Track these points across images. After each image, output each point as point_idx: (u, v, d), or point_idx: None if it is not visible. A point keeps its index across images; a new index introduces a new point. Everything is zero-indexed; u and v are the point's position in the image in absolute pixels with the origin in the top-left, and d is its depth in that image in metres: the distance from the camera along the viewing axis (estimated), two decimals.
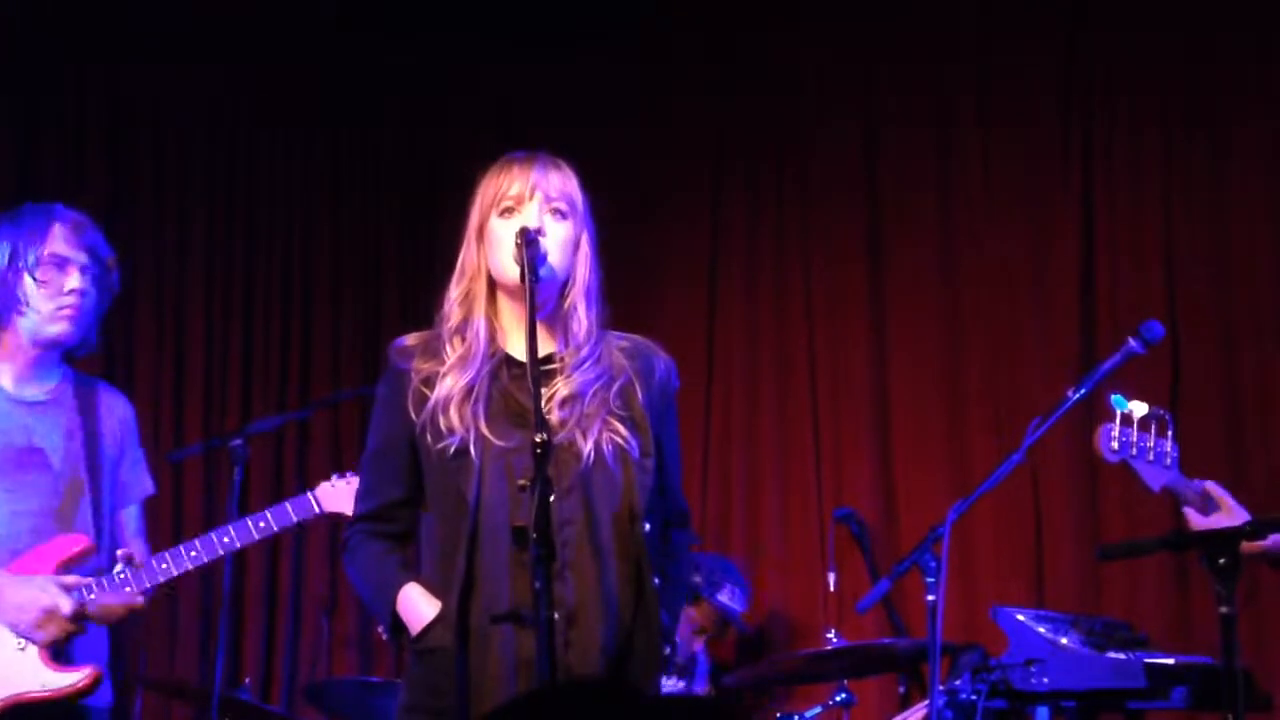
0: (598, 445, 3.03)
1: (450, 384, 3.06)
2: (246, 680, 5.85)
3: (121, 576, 3.68)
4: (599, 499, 3.02)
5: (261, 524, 3.80)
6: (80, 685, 3.60)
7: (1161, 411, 3.51)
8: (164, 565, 3.73)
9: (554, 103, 6.86)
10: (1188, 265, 5.58)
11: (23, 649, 3.58)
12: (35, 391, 3.76)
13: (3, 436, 3.69)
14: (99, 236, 3.80)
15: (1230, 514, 3.49)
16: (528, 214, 3.07)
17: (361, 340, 6.83)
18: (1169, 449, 3.51)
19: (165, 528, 6.32)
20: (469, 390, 3.05)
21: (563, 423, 3.03)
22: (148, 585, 3.70)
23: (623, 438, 3.05)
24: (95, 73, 6.40)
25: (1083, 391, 3.56)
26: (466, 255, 3.14)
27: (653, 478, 3.09)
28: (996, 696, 4.43)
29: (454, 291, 3.14)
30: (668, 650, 3.18)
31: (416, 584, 3.07)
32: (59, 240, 3.71)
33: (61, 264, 3.70)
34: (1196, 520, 3.49)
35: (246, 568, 6.33)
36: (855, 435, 6.20)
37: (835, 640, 5.05)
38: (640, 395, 3.12)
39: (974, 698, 4.37)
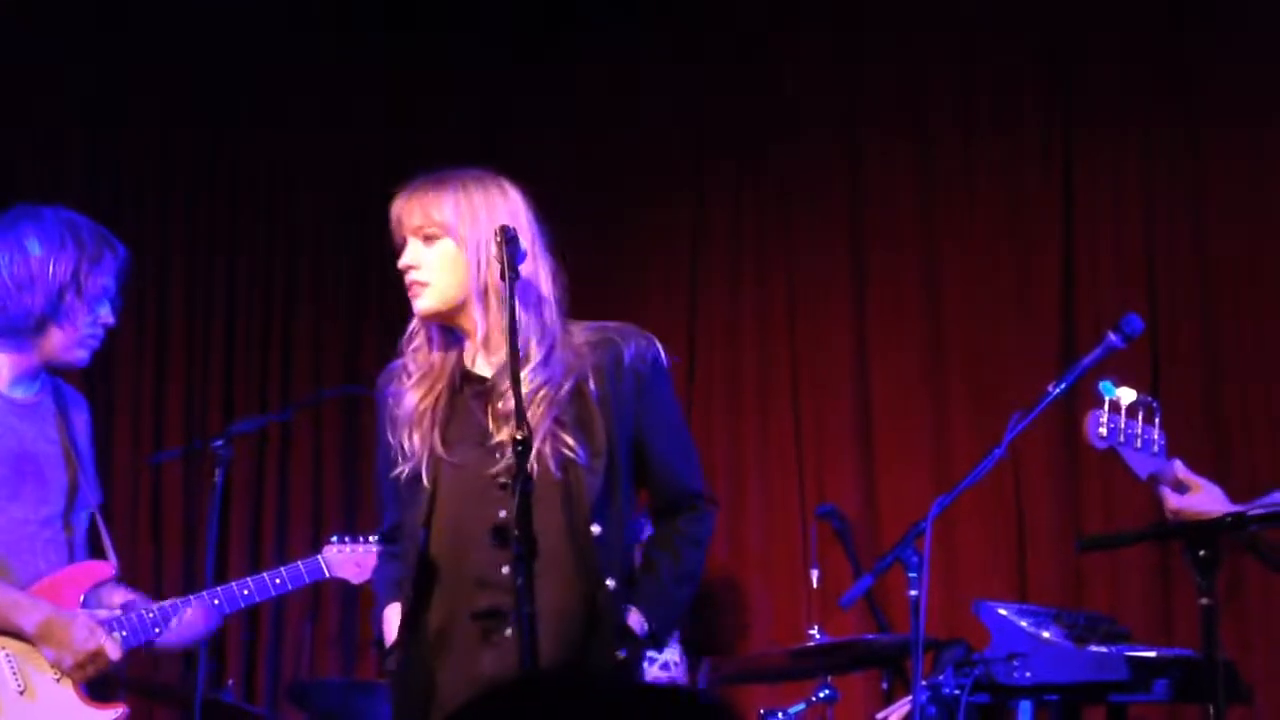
0: (541, 455, 2.99)
1: (409, 403, 3.11)
2: (229, 682, 5.84)
3: (151, 615, 3.69)
4: (547, 509, 2.96)
5: (277, 580, 3.84)
6: None
7: (1149, 399, 3.50)
8: (156, 628, 3.74)
9: (535, 104, 6.85)
10: (1168, 264, 5.60)
11: (58, 680, 3.60)
12: (24, 394, 3.73)
13: (1, 441, 3.67)
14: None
15: (1201, 491, 3.48)
16: (407, 252, 3.13)
17: (343, 341, 6.80)
18: (1156, 436, 3.51)
19: (144, 530, 6.31)
20: (427, 409, 3.08)
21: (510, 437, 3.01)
22: (140, 641, 3.71)
23: (569, 446, 3.02)
24: (75, 68, 6.37)
25: (1063, 386, 3.57)
26: None
27: (603, 478, 3.04)
28: (979, 691, 4.44)
29: (415, 317, 3.18)
30: (624, 653, 3.06)
31: (397, 605, 3.13)
32: (110, 274, 3.72)
33: (103, 296, 3.71)
34: (1173, 500, 3.48)
35: (228, 569, 6.31)
36: (837, 432, 6.21)
37: (818, 636, 5.05)
38: (593, 389, 3.06)
39: (957, 692, 4.37)
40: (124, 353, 6.34)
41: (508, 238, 2.97)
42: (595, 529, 3.02)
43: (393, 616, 3.13)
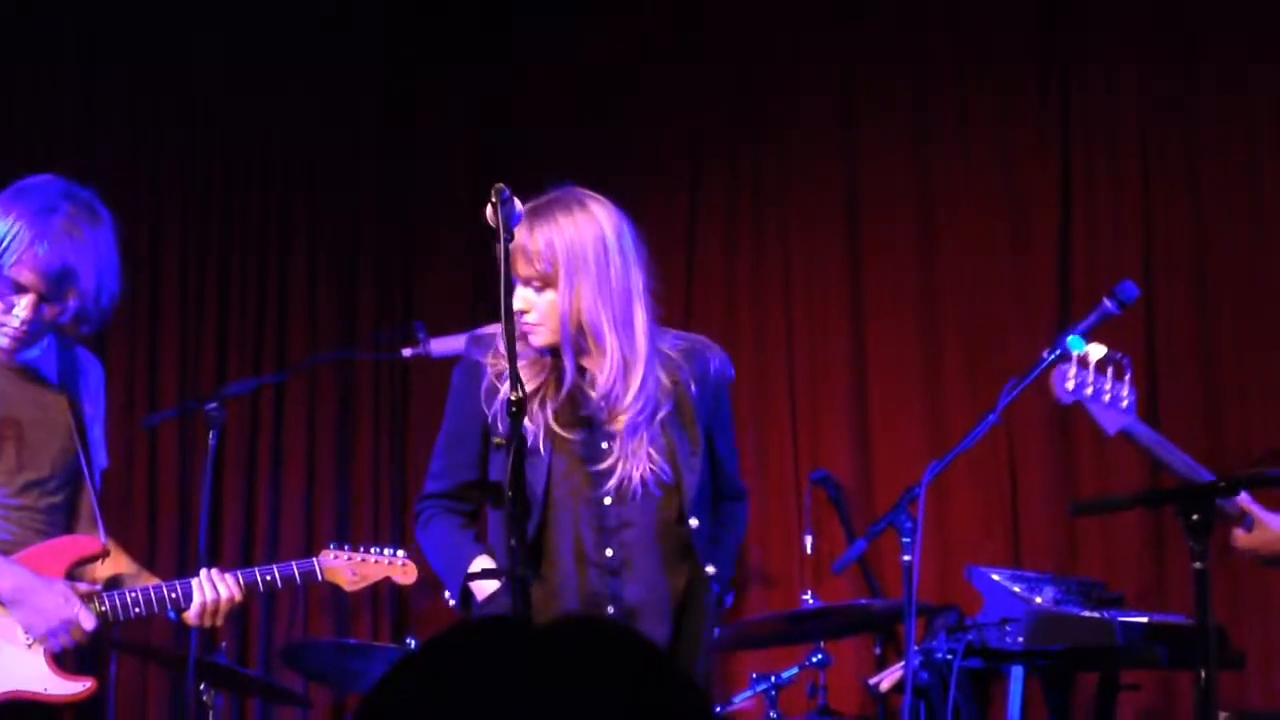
0: (649, 470, 3.32)
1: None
2: (223, 644, 5.84)
3: (133, 595, 3.65)
4: (652, 508, 3.34)
5: (268, 577, 3.81)
6: (81, 695, 3.61)
7: (1120, 355, 3.51)
8: (137, 609, 3.68)
9: (531, 73, 6.82)
10: (1165, 232, 5.60)
11: (30, 646, 3.57)
12: (19, 357, 3.68)
13: None
14: (87, 265, 3.54)
15: (1269, 529, 3.52)
16: (519, 295, 3.29)
17: (337, 304, 6.78)
18: (1125, 392, 3.51)
19: (141, 493, 6.31)
20: (535, 392, 3.29)
21: (621, 458, 3.32)
22: (123, 617, 3.66)
23: (671, 457, 3.35)
24: (69, 43, 6.34)
25: (1057, 352, 3.56)
26: None
27: (700, 475, 3.38)
28: (972, 656, 4.45)
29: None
30: (717, 633, 3.54)
31: (487, 556, 3.34)
32: (27, 266, 3.48)
33: (18, 289, 3.51)
34: (1243, 538, 3.55)
35: (222, 531, 6.31)
36: (831, 397, 6.21)
37: (812, 601, 5.06)
38: (694, 393, 3.40)
39: (949, 657, 4.39)
40: (118, 314, 6.30)
41: (502, 199, 3.02)
42: (694, 522, 3.36)
43: (487, 565, 3.31)
